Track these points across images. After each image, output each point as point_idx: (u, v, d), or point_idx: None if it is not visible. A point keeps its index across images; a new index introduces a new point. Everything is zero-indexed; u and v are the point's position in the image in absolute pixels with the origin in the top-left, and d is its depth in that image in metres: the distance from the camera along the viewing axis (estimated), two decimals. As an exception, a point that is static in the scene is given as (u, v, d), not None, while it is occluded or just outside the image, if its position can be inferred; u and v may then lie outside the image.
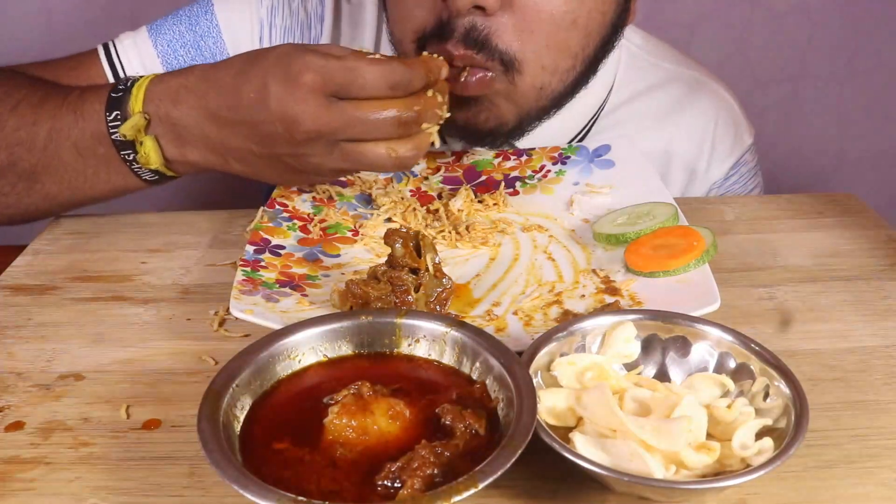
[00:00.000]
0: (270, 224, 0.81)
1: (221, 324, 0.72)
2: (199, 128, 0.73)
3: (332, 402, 0.53)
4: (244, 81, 0.69)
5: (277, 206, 0.84)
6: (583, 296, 0.72)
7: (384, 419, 0.52)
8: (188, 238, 0.86)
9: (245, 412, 0.54)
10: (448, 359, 0.58)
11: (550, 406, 0.55)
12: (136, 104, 0.74)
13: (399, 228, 0.70)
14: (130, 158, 0.76)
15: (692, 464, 0.51)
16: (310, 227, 0.82)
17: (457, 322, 0.59)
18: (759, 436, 0.52)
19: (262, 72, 0.68)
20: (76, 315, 0.74)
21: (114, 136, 0.76)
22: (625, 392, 0.55)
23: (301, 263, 0.77)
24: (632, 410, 0.55)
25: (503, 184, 0.91)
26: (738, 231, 0.87)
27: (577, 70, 0.86)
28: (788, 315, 0.72)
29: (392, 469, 0.48)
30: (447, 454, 0.49)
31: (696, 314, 0.63)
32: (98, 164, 0.78)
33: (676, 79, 1.04)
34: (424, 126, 0.69)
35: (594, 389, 0.54)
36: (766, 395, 0.55)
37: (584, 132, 0.99)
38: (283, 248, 0.78)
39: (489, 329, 0.65)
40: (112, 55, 0.93)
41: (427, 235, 0.70)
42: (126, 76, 0.80)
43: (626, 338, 0.60)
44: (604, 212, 0.84)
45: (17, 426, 0.60)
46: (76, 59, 0.93)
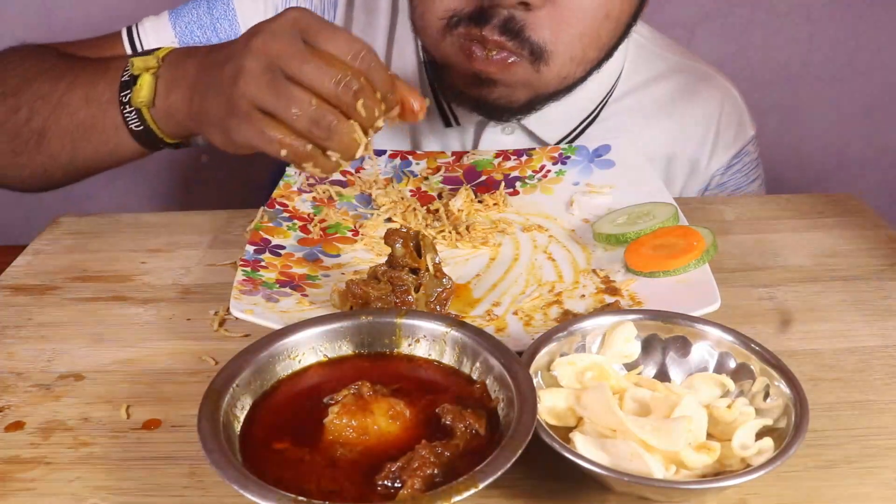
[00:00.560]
0: (270, 224, 0.81)
1: (221, 324, 0.72)
2: (191, 70, 0.75)
3: (333, 402, 0.53)
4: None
5: (277, 206, 0.84)
6: (583, 296, 0.72)
7: (384, 419, 0.52)
8: (188, 238, 0.86)
9: (245, 412, 0.54)
10: (448, 359, 0.58)
11: (550, 406, 0.55)
12: (159, 53, 0.78)
13: (399, 228, 0.70)
14: (126, 101, 0.78)
15: (692, 464, 0.51)
16: (310, 227, 0.82)
17: (457, 322, 0.59)
18: (760, 436, 0.52)
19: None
20: (76, 315, 0.74)
21: (123, 79, 0.78)
22: (625, 392, 0.56)
23: (301, 263, 0.77)
24: (632, 410, 0.55)
25: (503, 184, 0.91)
26: (738, 231, 0.87)
27: (600, 58, 0.89)
28: (788, 315, 0.72)
29: (392, 469, 0.48)
30: (447, 454, 0.49)
31: (696, 314, 0.63)
32: (97, 113, 0.80)
33: (682, 69, 1.06)
34: (350, 131, 0.68)
35: (594, 389, 0.54)
36: (767, 395, 0.55)
37: (592, 118, 1.01)
38: (284, 248, 0.78)
39: (489, 329, 0.65)
40: (133, 37, 0.95)
41: (427, 235, 0.70)
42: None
43: (627, 338, 0.60)
44: (604, 212, 0.84)
45: (18, 426, 0.60)
46: (100, 41, 0.96)
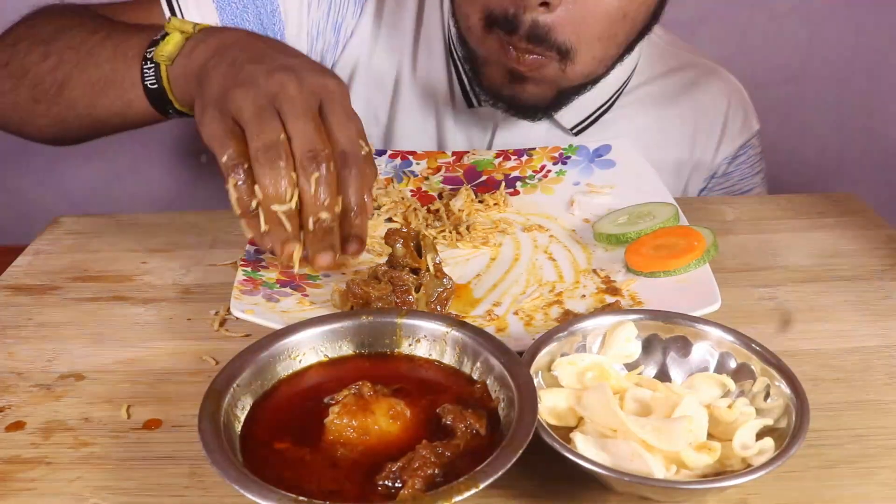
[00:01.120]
0: (271, 224, 0.81)
1: (222, 324, 0.72)
2: (226, 37, 0.74)
3: (333, 402, 0.53)
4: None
5: (278, 206, 0.84)
6: (583, 296, 0.72)
7: (385, 419, 0.52)
8: (189, 238, 0.86)
9: (246, 412, 0.54)
10: (449, 359, 0.58)
11: (551, 406, 0.55)
12: (186, 22, 0.78)
13: (399, 228, 0.70)
14: (149, 56, 0.78)
15: (693, 464, 0.51)
16: (310, 227, 0.82)
17: (457, 322, 0.59)
18: (760, 436, 0.52)
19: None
20: (77, 315, 0.74)
21: (154, 37, 0.78)
22: (625, 392, 0.56)
23: (301, 263, 0.76)
24: (632, 410, 0.55)
25: (504, 184, 0.91)
26: (739, 231, 0.87)
27: (619, 55, 0.92)
28: (789, 315, 0.72)
29: (393, 469, 0.48)
30: (448, 454, 0.49)
31: (697, 314, 0.63)
32: (120, 66, 0.80)
33: (693, 64, 1.12)
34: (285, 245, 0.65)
35: (595, 389, 0.54)
36: (767, 395, 0.55)
37: (608, 106, 1.04)
38: (284, 248, 0.78)
39: (490, 329, 0.65)
40: (173, 3, 0.94)
41: (427, 235, 0.70)
42: None
43: (627, 338, 0.60)
44: (604, 212, 0.84)
45: (18, 426, 0.60)
46: (136, 3, 0.96)
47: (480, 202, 0.88)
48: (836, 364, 0.66)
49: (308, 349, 0.59)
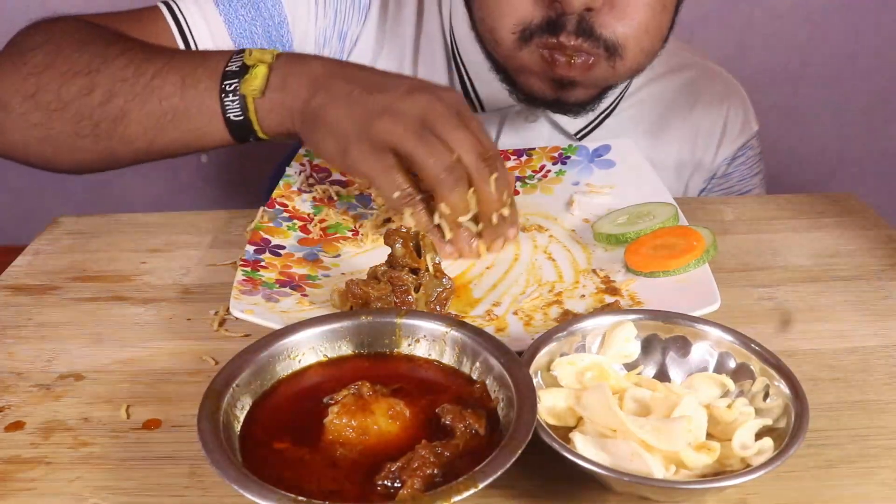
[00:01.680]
0: (270, 224, 0.81)
1: (221, 324, 0.72)
2: (316, 70, 0.77)
3: (332, 402, 0.53)
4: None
5: (277, 206, 0.84)
6: (583, 296, 0.72)
7: (384, 419, 0.52)
8: (188, 238, 0.86)
9: (245, 412, 0.54)
10: (448, 359, 0.58)
11: (550, 406, 0.55)
12: (273, 51, 0.80)
13: (399, 228, 0.70)
14: (230, 88, 0.78)
15: (692, 464, 0.51)
16: (310, 227, 0.82)
17: (457, 322, 0.59)
18: (759, 436, 0.52)
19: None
20: (76, 315, 0.74)
21: (227, 69, 0.79)
22: (625, 392, 0.56)
23: (301, 263, 0.77)
24: (632, 410, 0.55)
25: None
26: (738, 231, 0.87)
27: (659, 49, 0.94)
28: (788, 315, 0.72)
29: (392, 469, 0.48)
30: (447, 454, 0.49)
31: (696, 314, 0.63)
32: (192, 99, 0.79)
33: (692, 65, 1.13)
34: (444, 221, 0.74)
35: (594, 389, 0.54)
36: (766, 395, 0.55)
37: (611, 110, 1.05)
38: (284, 248, 0.78)
39: (489, 329, 0.65)
40: (175, 12, 0.93)
41: (427, 235, 0.70)
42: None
43: (626, 338, 0.60)
44: (604, 212, 0.84)
45: (18, 426, 0.60)
46: (137, 15, 0.94)
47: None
48: (836, 364, 0.66)
49: (307, 349, 0.59)
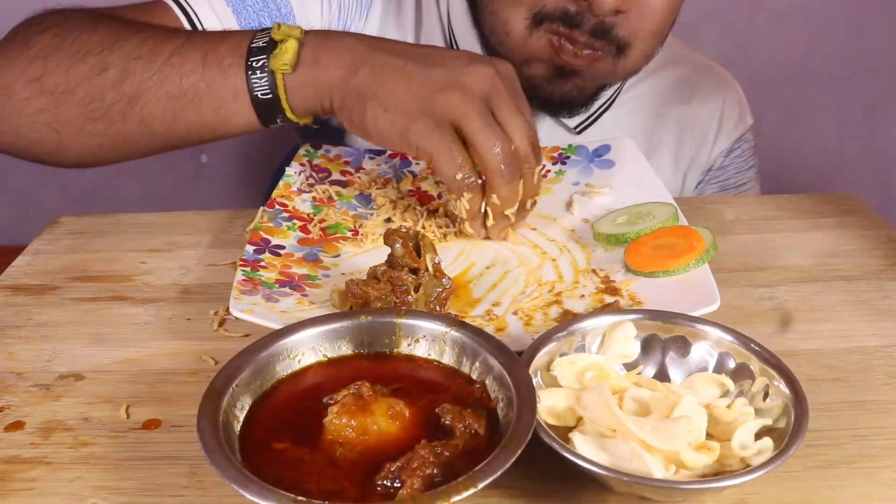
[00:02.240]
0: (270, 224, 0.81)
1: (221, 324, 0.72)
2: (353, 45, 0.75)
3: (332, 402, 0.53)
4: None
5: (277, 206, 0.84)
6: (583, 296, 0.72)
7: (384, 419, 0.52)
8: (188, 238, 0.86)
9: (245, 412, 0.54)
10: (448, 359, 0.58)
11: (550, 406, 0.55)
12: (293, 27, 0.76)
13: (399, 228, 0.70)
14: (258, 65, 0.74)
15: (692, 464, 0.51)
16: (310, 227, 0.82)
17: (457, 322, 0.59)
18: (759, 436, 0.52)
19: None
20: (76, 315, 0.74)
21: (252, 45, 0.75)
22: (624, 392, 0.56)
23: (301, 263, 0.77)
24: (632, 410, 0.55)
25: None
26: (738, 231, 0.87)
27: (657, 51, 0.95)
28: (788, 315, 0.72)
29: (392, 469, 0.48)
30: (447, 454, 0.49)
31: (696, 314, 0.63)
32: (215, 76, 0.76)
33: (687, 60, 1.14)
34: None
35: (594, 389, 0.54)
36: (766, 395, 0.55)
37: (608, 105, 1.05)
38: (283, 248, 0.78)
39: (489, 329, 0.65)
40: (182, 4, 0.90)
41: (427, 235, 0.70)
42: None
43: (626, 338, 0.60)
44: (603, 212, 0.84)
45: (17, 426, 0.60)
46: (144, 7, 0.90)
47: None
48: (836, 364, 0.66)
49: (307, 349, 0.59)
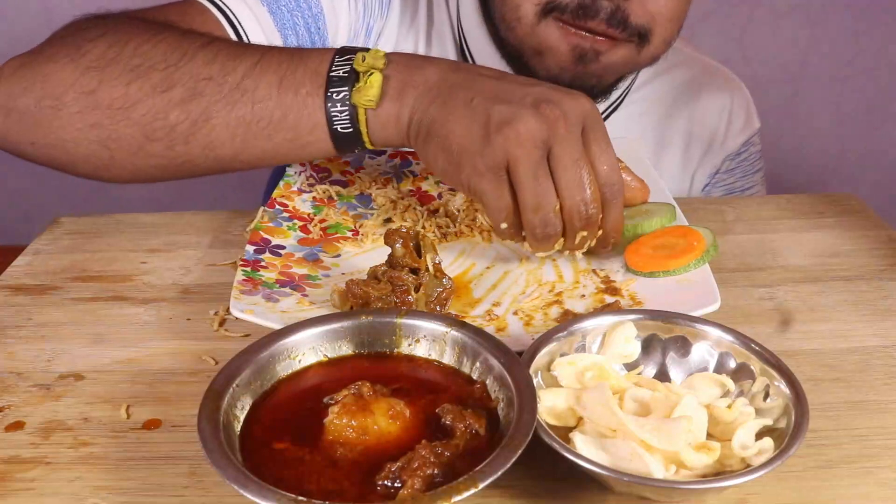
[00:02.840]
0: (270, 224, 0.81)
1: (221, 324, 0.72)
2: (433, 77, 0.70)
3: (333, 402, 0.53)
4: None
5: (277, 206, 0.84)
6: (583, 296, 0.72)
7: (384, 419, 0.52)
8: (188, 238, 0.86)
9: (245, 412, 0.54)
10: (448, 359, 0.58)
11: (550, 406, 0.55)
12: (378, 52, 0.72)
13: (399, 228, 0.70)
14: (338, 97, 0.70)
15: (692, 464, 0.51)
16: (310, 227, 0.82)
17: (457, 322, 0.59)
18: (760, 436, 0.52)
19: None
20: (76, 315, 0.74)
21: (332, 74, 0.71)
22: (625, 392, 0.56)
23: (301, 263, 0.77)
24: (632, 410, 0.55)
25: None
26: (738, 231, 0.87)
27: (676, 39, 0.94)
28: (788, 315, 0.72)
29: (392, 469, 0.48)
30: (447, 454, 0.49)
31: (696, 314, 0.63)
32: (291, 105, 0.71)
33: (695, 61, 1.13)
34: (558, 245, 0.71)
35: (594, 389, 0.54)
36: (767, 395, 0.55)
37: (617, 104, 1.05)
38: (284, 248, 0.78)
39: (489, 329, 0.65)
40: (219, 4, 0.85)
41: (427, 235, 0.70)
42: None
43: (627, 338, 0.60)
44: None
45: (18, 426, 0.60)
46: (180, 8, 0.85)
47: (480, 202, 0.87)
48: (836, 364, 0.66)
49: (307, 349, 0.58)
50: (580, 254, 0.74)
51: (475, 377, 0.57)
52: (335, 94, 0.70)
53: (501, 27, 0.93)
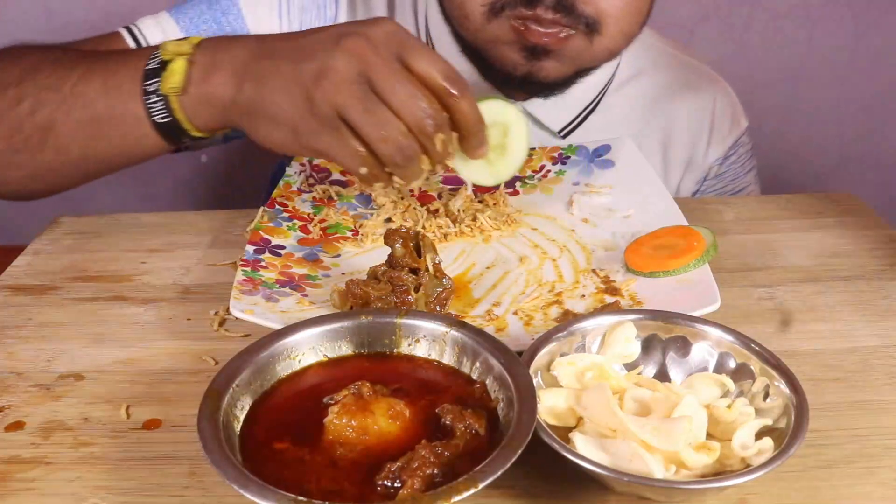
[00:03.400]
0: (270, 224, 0.81)
1: (221, 324, 0.72)
2: (239, 55, 0.72)
3: (333, 402, 0.53)
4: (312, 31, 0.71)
5: (277, 206, 0.84)
6: (583, 296, 0.72)
7: (384, 419, 0.52)
8: (188, 238, 0.86)
9: (245, 412, 0.54)
10: (448, 359, 0.58)
11: (550, 406, 0.55)
12: (192, 40, 0.74)
13: (399, 228, 0.70)
14: (152, 89, 0.73)
15: (692, 464, 0.51)
16: (310, 227, 0.82)
17: (457, 322, 0.59)
18: (759, 436, 0.52)
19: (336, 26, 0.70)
20: (76, 315, 0.74)
21: (147, 67, 0.73)
22: (625, 392, 0.56)
23: (301, 263, 0.77)
24: (632, 410, 0.55)
25: (503, 184, 0.91)
26: (738, 231, 0.87)
27: (637, 34, 0.92)
28: (788, 315, 0.72)
29: (392, 469, 0.48)
30: (447, 454, 0.49)
31: (697, 314, 0.63)
32: (115, 104, 0.74)
33: (678, 62, 1.10)
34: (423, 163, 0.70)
35: (594, 389, 0.54)
36: (766, 395, 0.55)
37: (593, 106, 1.03)
38: (283, 248, 0.78)
39: (489, 329, 0.65)
40: (136, 36, 0.91)
41: (427, 235, 0.70)
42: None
43: (627, 338, 0.60)
44: (603, 212, 0.84)
45: (18, 426, 0.60)
46: (99, 40, 0.90)
47: (480, 202, 0.88)
48: (836, 364, 0.66)
49: (307, 349, 0.59)
50: (460, 167, 0.74)
51: (475, 377, 0.57)
52: (149, 87, 0.73)
53: (454, 23, 0.92)
